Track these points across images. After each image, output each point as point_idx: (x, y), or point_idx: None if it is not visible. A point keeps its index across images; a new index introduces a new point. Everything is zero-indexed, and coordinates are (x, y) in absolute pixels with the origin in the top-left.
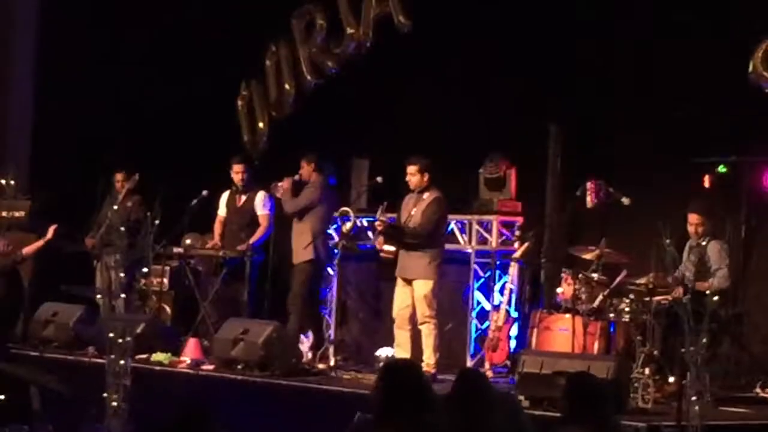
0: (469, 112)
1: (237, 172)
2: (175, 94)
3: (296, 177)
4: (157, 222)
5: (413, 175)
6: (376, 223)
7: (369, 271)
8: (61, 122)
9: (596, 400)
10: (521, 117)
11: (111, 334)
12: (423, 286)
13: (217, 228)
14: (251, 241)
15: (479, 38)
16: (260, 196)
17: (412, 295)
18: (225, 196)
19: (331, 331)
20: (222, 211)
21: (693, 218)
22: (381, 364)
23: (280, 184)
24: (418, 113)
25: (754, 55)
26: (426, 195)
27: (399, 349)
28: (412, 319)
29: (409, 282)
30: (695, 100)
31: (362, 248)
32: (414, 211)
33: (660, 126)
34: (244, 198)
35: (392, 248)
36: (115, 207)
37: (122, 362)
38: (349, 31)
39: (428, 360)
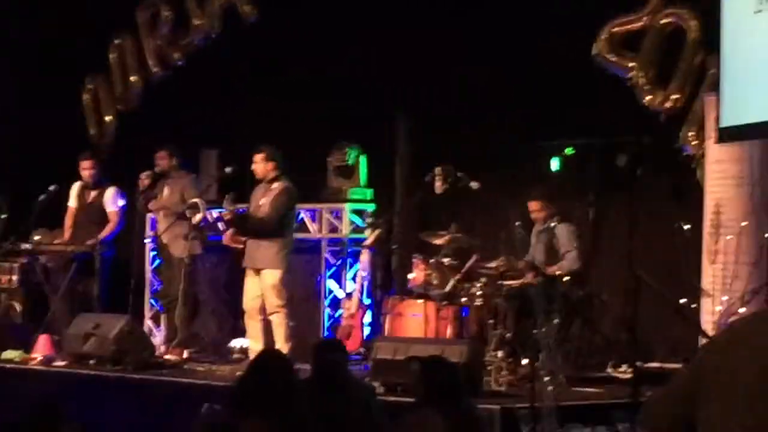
0: (317, 100)
1: (84, 169)
2: (20, 89)
3: (156, 169)
4: (3, 217)
5: (258, 164)
6: (224, 213)
7: (219, 262)
8: None
9: (449, 384)
10: (369, 105)
11: None
12: (271, 276)
13: (68, 220)
14: (100, 236)
15: (325, 26)
16: (110, 192)
17: (260, 284)
18: (75, 187)
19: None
20: (72, 202)
21: (532, 206)
22: (236, 355)
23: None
24: (266, 103)
25: (599, 38)
26: (275, 185)
27: (252, 340)
28: (263, 310)
29: (257, 272)
30: (542, 83)
31: (212, 239)
32: (263, 201)
33: (507, 110)
34: (94, 194)
35: (241, 238)
36: None
37: None
38: (196, 22)
39: (281, 349)
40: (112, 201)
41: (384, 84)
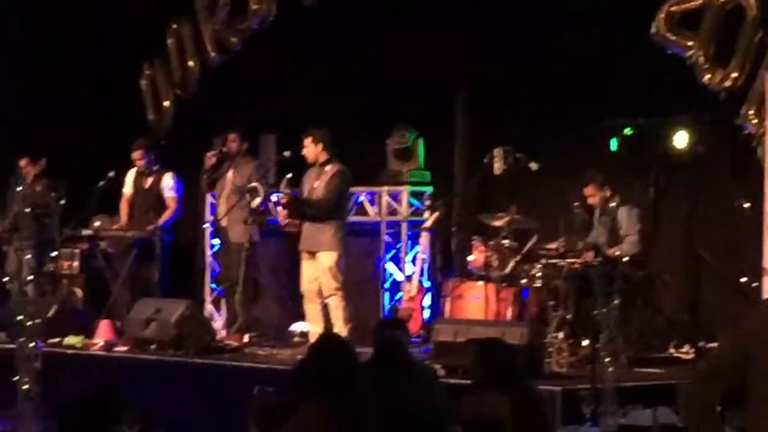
0: (375, 83)
1: (137, 159)
2: (78, 75)
3: (223, 149)
4: (62, 203)
5: (307, 147)
6: (280, 196)
7: (280, 247)
8: None
9: (508, 366)
10: (426, 86)
11: (20, 318)
12: (327, 258)
13: (124, 207)
14: (160, 222)
15: (384, 9)
16: (167, 178)
17: (316, 267)
18: (131, 173)
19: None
20: (128, 188)
21: (587, 191)
22: (296, 339)
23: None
24: (324, 87)
25: (657, 16)
26: (328, 168)
27: (312, 324)
28: (321, 293)
29: (313, 255)
30: (599, 63)
31: (272, 223)
32: (317, 183)
33: (566, 90)
34: (150, 180)
35: (296, 221)
36: (18, 190)
37: (32, 345)
38: (253, 6)
39: (339, 332)
40: (170, 187)
41: (443, 65)
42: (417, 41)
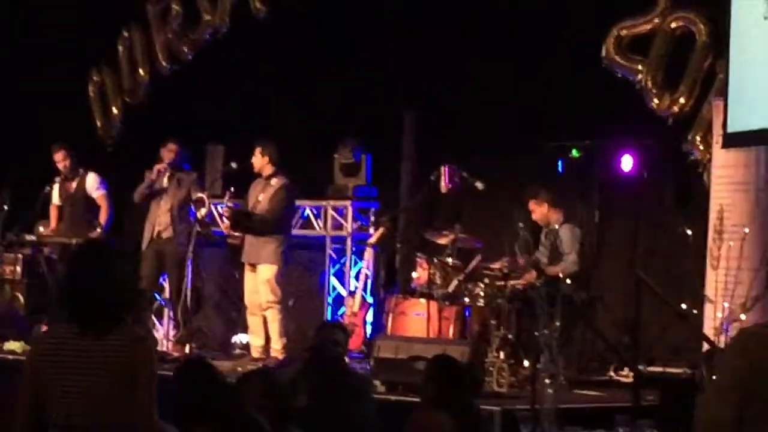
0: (324, 97)
1: (58, 161)
2: (25, 81)
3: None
4: (5, 208)
5: (255, 157)
6: (224, 208)
7: (225, 258)
8: None
9: (458, 383)
10: (375, 102)
11: None
12: (267, 271)
13: (53, 217)
14: (101, 221)
15: (334, 24)
16: (91, 178)
17: (257, 279)
18: (56, 185)
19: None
20: (56, 199)
21: (530, 205)
22: (238, 351)
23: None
24: (273, 99)
25: (607, 39)
26: (274, 181)
27: (252, 336)
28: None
29: (254, 267)
30: (548, 85)
31: (217, 234)
32: (261, 197)
33: (514, 110)
34: (74, 184)
35: (236, 233)
36: None
37: None
38: (206, 17)
39: (274, 345)
40: (96, 187)
41: (391, 81)
42: (368, 56)
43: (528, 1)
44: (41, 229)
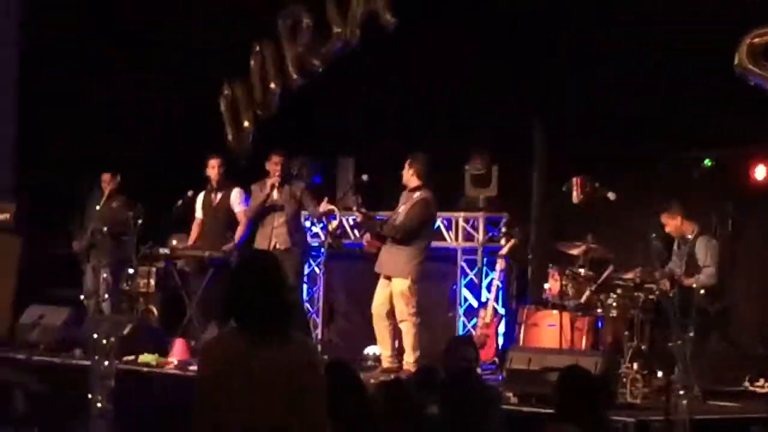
0: (454, 108)
1: (212, 167)
2: (158, 94)
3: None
4: (140, 222)
5: (405, 170)
6: (356, 217)
7: (355, 270)
8: (46, 124)
9: (589, 395)
10: (505, 113)
11: (95, 336)
12: (400, 284)
13: (194, 231)
14: (235, 238)
15: (464, 36)
16: (235, 193)
17: (390, 291)
18: (200, 197)
19: (318, 331)
20: (199, 213)
21: (662, 218)
22: (370, 362)
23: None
24: (403, 111)
25: (739, 48)
26: (416, 195)
27: (380, 346)
28: (390, 315)
29: (388, 278)
30: (681, 94)
31: (348, 246)
32: (401, 208)
33: (647, 120)
34: (219, 195)
35: (377, 243)
36: (98, 208)
37: (107, 363)
38: (336, 30)
39: (408, 358)
40: (239, 202)
41: (521, 91)
42: (496, 65)
43: (660, 11)
44: (174, 242)
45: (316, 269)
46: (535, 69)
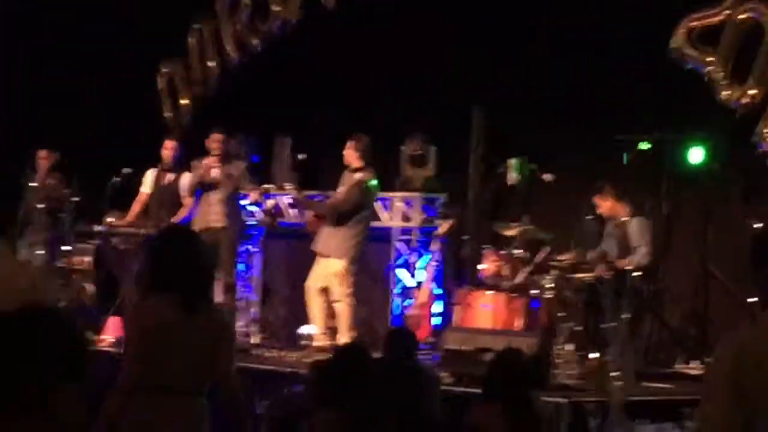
0: (392, 89)
1: (167, 148)
2: (96, 72)
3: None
4: (76, 200)
5: (347, 150)
6: (294, 197)
7: (293, 249)
8: None
9: (518, 376)
10: (443, 94)
11: None
12: (337, 264)
13: (136, 205)
14: (174, 219)
15: (404, 18)
16: (187, 178)
17: (326, 270)
18: (150, 173)
19: (255, 310)
20: (146, 187)
21: (595, 200)
22: (304, 342)
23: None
24: (341, 91)
25: (677, 32)
26: (357, 175)
27: (312, 323)
28: (322, 292)
29: (325, 257)
30: (616, 77)
31: (283, 225)
32: (341, 188)
33: (583, 102)
34: (170, 177)
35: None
36: (34, 185)
37: None
38: (275, 8)
39: (342, 339)
40: (188, 187)
41: (460, 74)
42: (436, 48)
43: None
44: (110, 219)
45: (252, 248)
46: (474, 50)
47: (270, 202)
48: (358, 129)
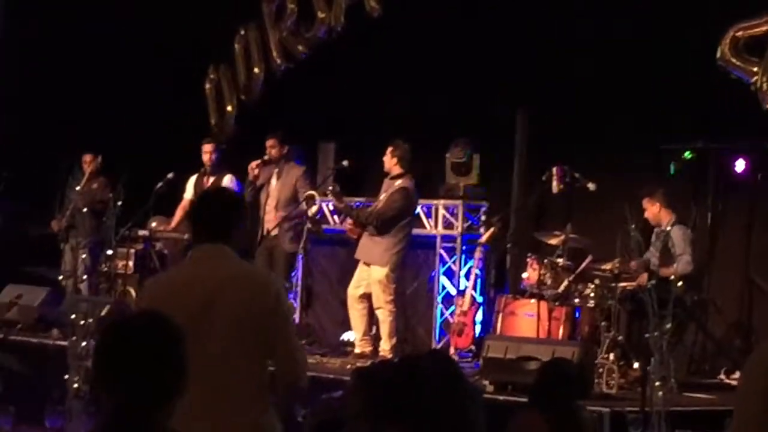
0: (437, 96)
1: (206, 152)
2: (143, 76)
3: (265, 158)
4: (119, 203)
5: (386, 156)
6: (334, 204)
7: (335, 255)
8: (26, 102)
9: (565, 385)
10: (487, 102)
11: (73, 316)
12: (379, 272)
13: (179, 212)
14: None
15: (448, 24)
16: (227, 180)
17: (368, 277)
18: (193, 179)
19: (296, 316)
20: (189, 194)
21: (644, 203)
22: (347, 347)
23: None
24: (385, 98)
25: (722, 41)
26: (398, 182)
27: (353, 330)
28: (364, 299)
29: (368, 265)
30: (663, 86)
31: (328, 232)
32: (382, 196)
33: (627, 111)
34: (212, 179)
35: (357, 229)
36: (78, 188)
37: (84, 344)
38: (320, 15)
39: (384, 345)
40: (231, 187)
41: (504, 81)
42: (480, 55)
43: (645, 3)
44: (154, 224)
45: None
46: (519, 58)
47: (313, 208)
48: (402, 136)
